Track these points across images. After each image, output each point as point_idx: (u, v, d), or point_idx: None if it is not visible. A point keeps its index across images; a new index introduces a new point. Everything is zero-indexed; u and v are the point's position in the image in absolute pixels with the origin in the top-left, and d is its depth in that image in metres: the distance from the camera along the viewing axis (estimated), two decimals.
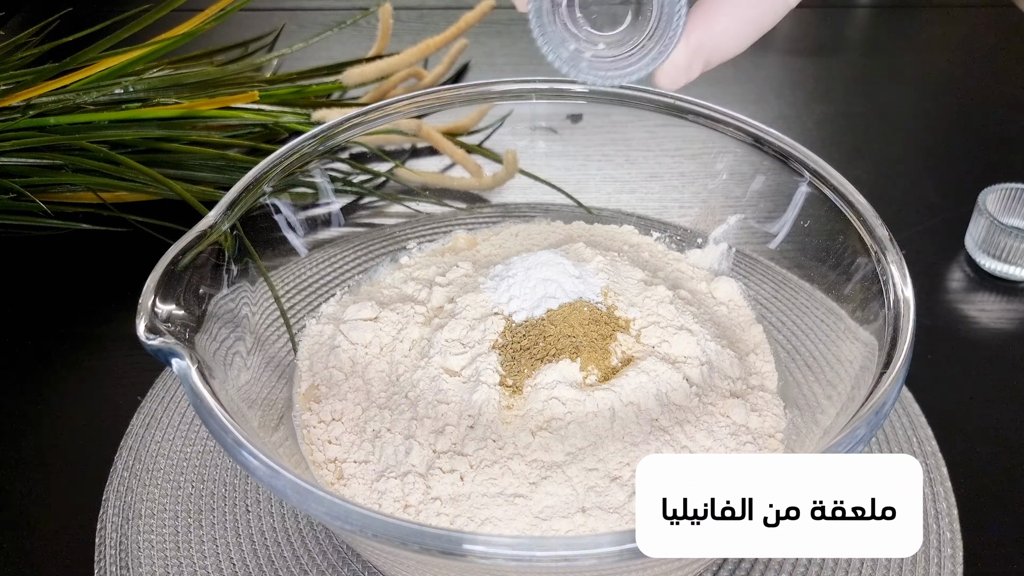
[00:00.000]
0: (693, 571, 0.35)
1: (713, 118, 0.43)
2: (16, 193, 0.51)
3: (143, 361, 0.45)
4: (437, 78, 0.68)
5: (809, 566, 0.37)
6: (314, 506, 0.26)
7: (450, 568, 0.29)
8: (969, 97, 0.75)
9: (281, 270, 0.42)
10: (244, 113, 0.59)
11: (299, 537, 0.38)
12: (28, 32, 0.58)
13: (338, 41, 0.72)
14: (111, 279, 0.52)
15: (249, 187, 0.38)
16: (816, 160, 0.39)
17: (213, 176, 0.55)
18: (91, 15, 0.62)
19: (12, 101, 0.53)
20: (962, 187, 0.62)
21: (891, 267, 0.34)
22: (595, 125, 0.48)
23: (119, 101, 0.56)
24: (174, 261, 0.33)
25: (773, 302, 0.44)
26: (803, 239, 0.41)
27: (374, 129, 0.44)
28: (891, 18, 0.87)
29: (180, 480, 0.40)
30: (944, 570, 0.37)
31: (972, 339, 0.49)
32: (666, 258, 0.47)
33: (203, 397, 0.29)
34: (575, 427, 0.35)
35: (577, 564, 0.25)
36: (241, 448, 0.27)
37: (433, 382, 0.37)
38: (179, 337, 0.31)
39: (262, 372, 0.38)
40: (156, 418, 0.43)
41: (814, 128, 0.69)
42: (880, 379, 0.29)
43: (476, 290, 0.41)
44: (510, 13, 0.83)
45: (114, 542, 0.38)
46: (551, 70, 0.29)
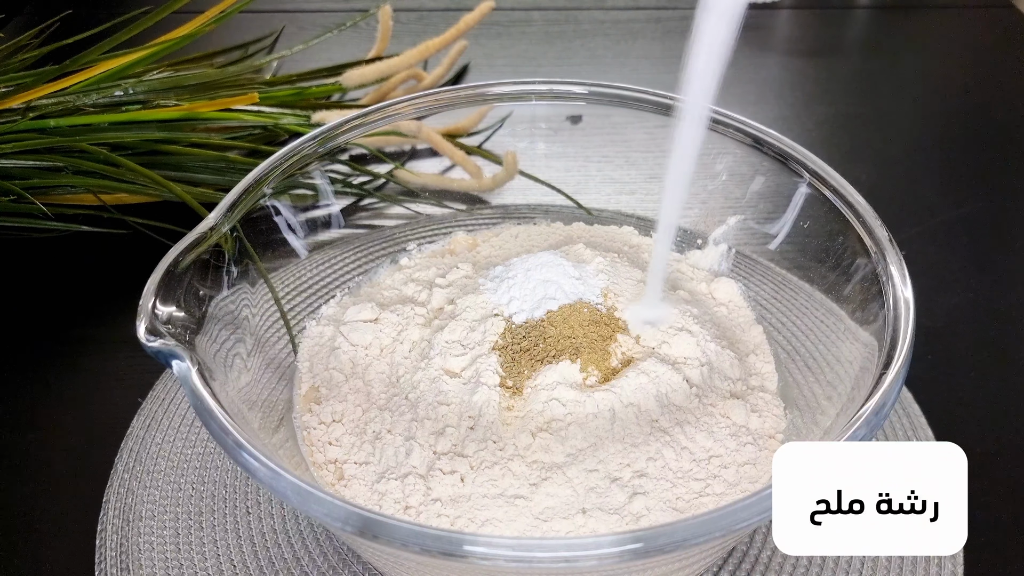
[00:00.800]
0: (695, 571, 0.35)
1: (712, 119, 0.43)
2: (16, 195, 0.51)
3: (143, 363, 0.45)
4: (437, 80, 0.68)
5: (809, 566, 0.37)
6: (314, 507, 0.26)
7: (451, 569, 0.29)
8: (969, 97, 0.75)
9: (281, 272, 0.42)
10: (244, 115, 0.59)
11: (300, 539, 0.38)
12: (28, 34, 0.58)
13: (338, 43, 0.72)
14: (111, 281, 0.52)
15: (249, 189, 0.38)
16: (816, 161, 0.39)
17: (213, 178, 0.55)
18: (91, 17, 0.62)
19: (12, 103, 0.53)
20: (962, 187, 0.62)
21: (891, 268, 0.34)
22: (595, 126, 0.48)
23: (119, 103, 0.56)
24: (174, 263, 0.33)
25: (773, 303, 0.44)
26: (803, 240, 0.41)
27: (374, 131, 0.44)
28: (891, 19, 0.87)
29: (181, 482, 0.40)
30: (944, 570, 0.37)
31: (972, 339, 0.49)
32: None
33: (203, 399, 0.29)
34: (575, 428, 0.35)
35: (578, 565, 0.25)
36: (241, 450, 0.27)
37: (433, 383, 0.37)
38: (179, 339, 0.31)
39: (262, 374, 0.38)
40: (156, 420, 0.43)
41: (814, 129, 0.69)
42: (880, 379, 0.29)
43: (476, 291, 0.41)
44: (510, 15, 0.84)
45: (115, 544, 0.38)
46: (551, 71, 0.29)
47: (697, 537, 0.25)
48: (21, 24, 0.78)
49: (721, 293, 0.44)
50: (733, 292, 0.44)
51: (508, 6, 0.84)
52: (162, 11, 0.57)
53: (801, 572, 0.37)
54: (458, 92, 0.45)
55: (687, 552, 0.29)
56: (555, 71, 0.74)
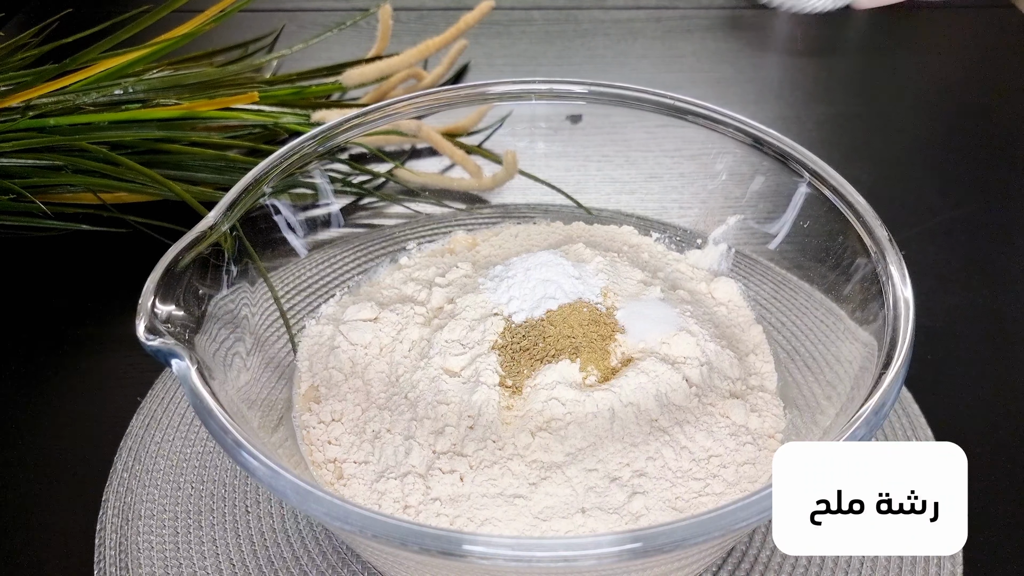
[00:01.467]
0: (694, 571, 0.35)
1: (712, 119, 0.43)
2: (16, 194, 0.51)
3: (143, 362, 0.45)
4: (437, 79, 0.68)
5: (808, 566, 0.37)
6: (314, 507, 0.26)
7: (450, 569, 0.29)
8: (969, 97, 0.75)
9: (281, 271, 0.42)
10: (244, 114, 0.59)
11: (299, 538, 0.38)
12: (28, 33, 0.58)
13: (338, 42, 0.72)
14: (111, 280, 0.52)
15: (249, 188, 0.38)
16: (815, 161, 0.39)
17: (213, 177, 0.55)
18: (91, 16, 0.62)
19: (12, 102, 0.53)
20: (962, 188, 0.62)
21: (891, 267, 0.34)
22: (595, 126, 0.48)
23: (119, 102, 0.56)
24: (174, 262, 0.33)
25: (772, 302, 0.44)
26: (802, 240, 0.41)
27: (374, 130, 0.44)
28: (891, 18, 0.87)
29: (180, 481, 0.40)
30: (943, 570, 0.37)
31: (972, 339, 0.49)
32: (665, 259, 0.47)
33: (203, 398, 0.29)
34: (575, 428, 0.35)
35: (577, 564, 0.25)
36: (241, 449, 0.27)
37: (433, 383, 0.37)
38: (179, 338, 0.31)
39: (262, 373, 0.38)
40: (156, 419, 0.43)
41: (814, 129, 0.69)
42: (879, 379, 0.29)
43: (476, 291, 0.41)
44: (510, 14, 0.84)
45: (114, 543, 0.38)
46: (551, 71, 0.29)
47: (696, 537, 0.25)
48: (21, 23, 0.78)
49: (721, 293, 0.44)
50: (733, 292, 0.44)
51: (508, 5, 0.84)
52: (162, 10, 0.57)
53: (800, 572, 0.37)
54: (458, 91, 0.45)
55: (686, 552, 0.29)
56: (555, 70, 0.74)
